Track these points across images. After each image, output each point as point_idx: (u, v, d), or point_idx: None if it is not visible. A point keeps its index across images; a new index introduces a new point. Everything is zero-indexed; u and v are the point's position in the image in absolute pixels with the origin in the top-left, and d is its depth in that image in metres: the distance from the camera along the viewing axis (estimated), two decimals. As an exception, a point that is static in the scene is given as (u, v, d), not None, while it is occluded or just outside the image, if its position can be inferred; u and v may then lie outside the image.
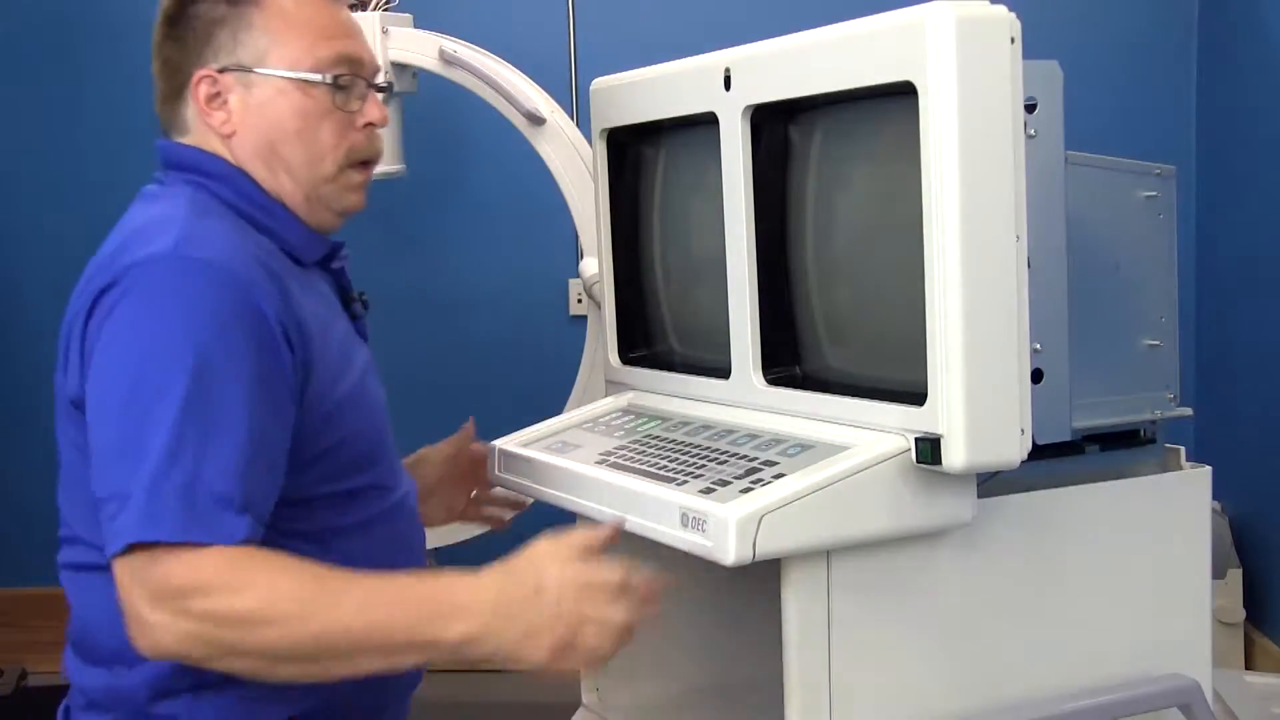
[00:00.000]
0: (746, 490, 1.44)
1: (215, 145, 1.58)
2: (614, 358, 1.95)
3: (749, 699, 1.82)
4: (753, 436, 1.60)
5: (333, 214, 1.62)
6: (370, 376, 1.62)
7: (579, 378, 2.81)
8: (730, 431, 1.63)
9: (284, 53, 1.56)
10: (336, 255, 1.65)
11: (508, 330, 3.47)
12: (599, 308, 2.09)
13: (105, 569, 1.40)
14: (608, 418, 1.84)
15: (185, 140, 1.60)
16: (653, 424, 1.76)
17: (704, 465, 1.55)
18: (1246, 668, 2.93)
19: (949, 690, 1.54)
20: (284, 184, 1.58)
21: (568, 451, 1.74)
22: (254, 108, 1.57)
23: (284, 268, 1.52)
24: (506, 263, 3.46)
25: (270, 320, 1.43)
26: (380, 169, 2.79)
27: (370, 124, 1.62)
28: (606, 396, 1.95)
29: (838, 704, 1.48)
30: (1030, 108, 1.46)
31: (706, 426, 1.68)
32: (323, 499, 1.52)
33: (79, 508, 1.51)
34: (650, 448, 1.67)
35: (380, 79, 1.65)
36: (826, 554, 1.45)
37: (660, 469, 1.58)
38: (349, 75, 1.59)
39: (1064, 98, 1.50)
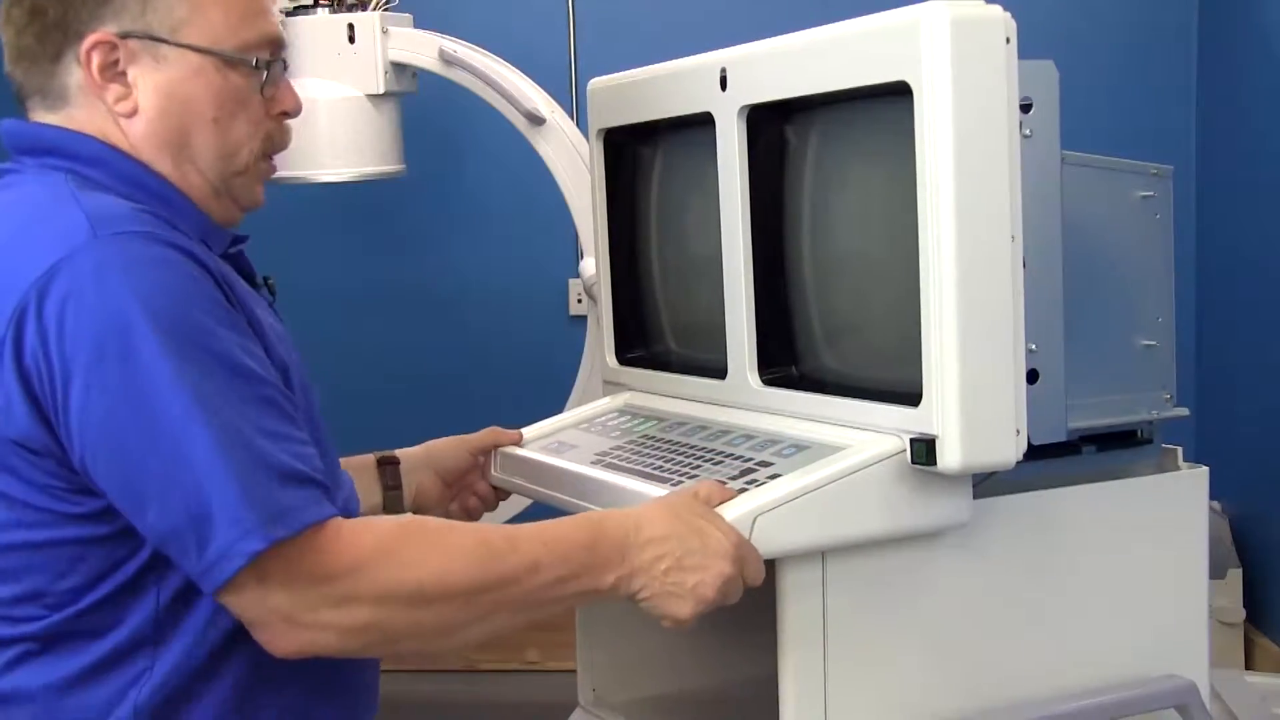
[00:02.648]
0: (742, 491, 1.44)
1: (101, 125, 1.36)
2: (611, 358, 1.95)
3: (745, 699, 1.82)
4: (748, 437, 1.59)
5: (238, 209, 1.44)
6: (304, 372, 1.44)
7: (579, 378, 2.81)
8: (726, 432, 1.63)
9: (205, 24, 1.35)
10: (239, 243, 1.46)
11: (508, 330, 3.47)
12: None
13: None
14: (604, 418, 1.84)
15: (57, 116, 1.37)
16: (649, 424, 1.76)
17: (699, 466, 1.55)
18: (1246, 668, 2.93)
19: (944, 691, 1.54)
20: (189, 176, 1.38)
21: (564, 452, 1.74)
22: (162, 86, 1.35)
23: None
24: (506, 263, 3.47)
25: (223, 288, 1.29)
26: (380, 169, 2.84)
27: (285, 113, 1.44)
28: (603, 397, 1.95)
29: (833, 704, 1.47)
30: (1026, 108, 1.46)
31: (702, 427, 1.68)
32: None
33: None
34: (646, 448, 1.67)
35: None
36: (822, 555, 1.45)
37: (656, 469, 1.58)
38: (271, 57, 1.40)
39: (1061, 98, 1.50)
